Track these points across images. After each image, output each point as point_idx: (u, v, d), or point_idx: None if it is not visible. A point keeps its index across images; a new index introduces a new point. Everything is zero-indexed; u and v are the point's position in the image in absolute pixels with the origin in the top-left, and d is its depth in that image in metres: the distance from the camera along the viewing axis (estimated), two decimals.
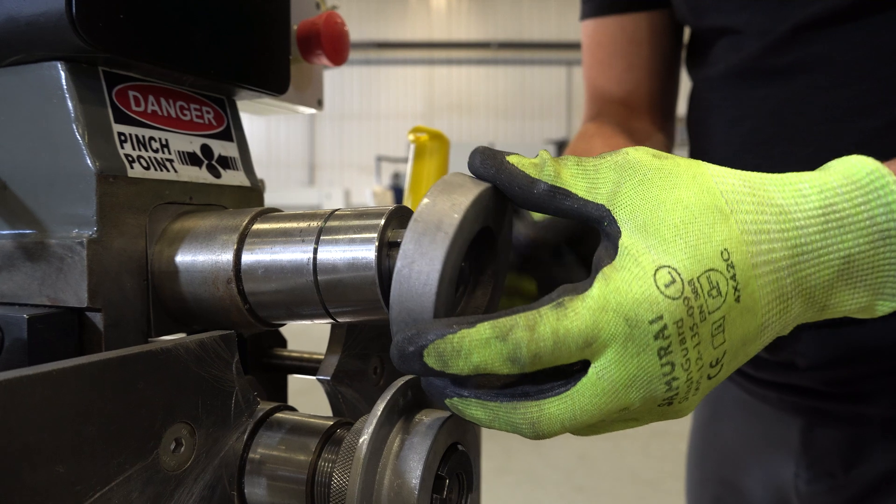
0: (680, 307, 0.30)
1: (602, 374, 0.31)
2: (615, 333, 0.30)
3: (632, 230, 0.32)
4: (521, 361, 0.30)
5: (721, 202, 0.33)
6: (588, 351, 0.31)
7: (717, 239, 0.31)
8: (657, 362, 0.31)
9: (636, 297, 0.30)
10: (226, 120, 0.46)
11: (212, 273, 0.37)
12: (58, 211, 0.37)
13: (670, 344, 0.30)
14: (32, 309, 0.36)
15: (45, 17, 0.34)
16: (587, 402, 0.31)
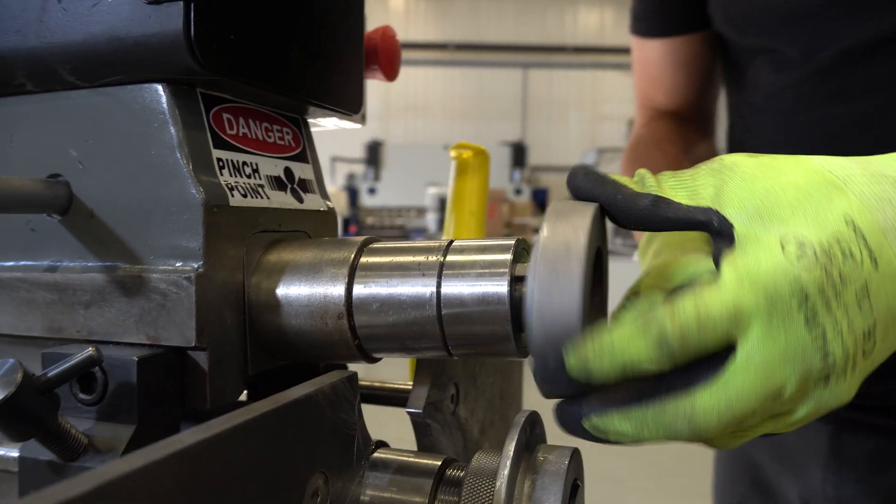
0: (816, 272, 0.30)
1: (752, 352, 0.30)
2: (757, 306, 0.29)
3: (745, 220, 0.32)
4: (669, 344, 0.30)
5: (833, 178, 0.32)
6: (733, 329, 0.30)
7: (838, 209, 0.31)
8: (806, 332, 0.30)
9: (768, 270, 0.30)
10: (302, 141, 0.44)
11: (320, 307, 0.35)
12: (156, 242, 0.34)
13: (816, 312, 0.30)
14: (133, 349, 0.34)
15: (157, 38, 0.32)
16: (741, 384, 0.30)
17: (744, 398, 0.30)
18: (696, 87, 0.82)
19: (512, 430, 0.34)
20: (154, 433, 0.32)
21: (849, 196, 0.31)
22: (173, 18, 0.31)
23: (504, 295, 0.33)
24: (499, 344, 0.34)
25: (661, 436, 0.31)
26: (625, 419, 0.31)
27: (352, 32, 0.45)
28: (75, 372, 0.30)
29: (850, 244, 0.30)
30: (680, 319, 0.29)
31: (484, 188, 0.67)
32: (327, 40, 0.42)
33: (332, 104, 0.43)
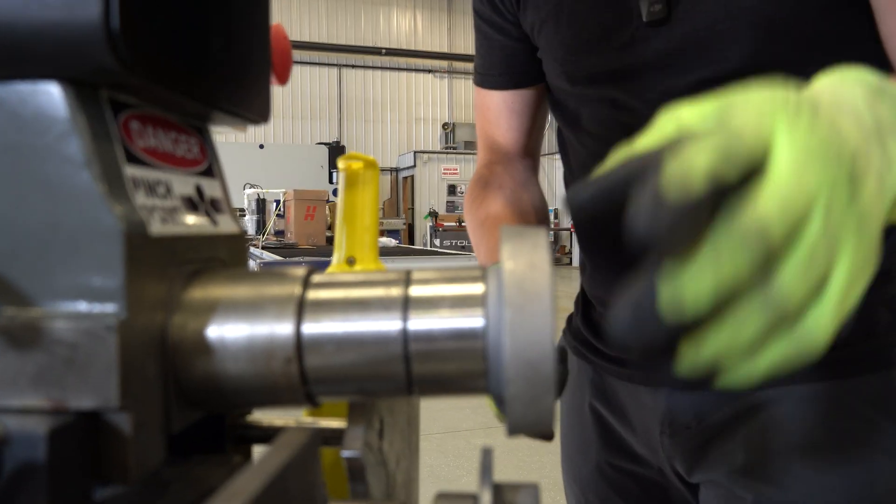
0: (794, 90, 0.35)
1: (784, 148, 0.32)
2: (773, 108, 0.33)
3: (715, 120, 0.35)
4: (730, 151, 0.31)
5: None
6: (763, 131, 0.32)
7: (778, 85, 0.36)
8: (818, 121, 0.33)
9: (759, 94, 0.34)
10: (208, 153, 0.38)
11: (264, 350, 0.31)
12: (56, 281, 0.28)
13: (817, 104, 0.34)
14: (30, 417, 0.27)
15: (63, 29, 0.26)
16: (788, 175, 0.31)
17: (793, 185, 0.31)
18: (525, 130, 1.00)
19: (484, 474, 0.31)
20: None
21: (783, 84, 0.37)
22: (88, 5, 0.25)
23: (480, 330, 0.30)
24: (470, 381, 0.31)
25: (738, 256, 0.30)
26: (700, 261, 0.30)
27: (260, 30, 0.40)
28: None
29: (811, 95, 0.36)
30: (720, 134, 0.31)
31: (375, 201, 0.63)
32: (241, 39, 0.37)
33: (243, 110, 0.38)
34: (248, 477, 0.23)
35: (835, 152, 0.32)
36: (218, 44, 0.34)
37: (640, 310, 0.31)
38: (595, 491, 0.98)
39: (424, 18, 14.09)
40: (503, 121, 1.01)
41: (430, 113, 14.34)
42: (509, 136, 1.01)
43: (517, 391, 0.29)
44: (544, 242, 0.31)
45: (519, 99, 0.99)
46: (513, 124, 1.00)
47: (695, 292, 0.30)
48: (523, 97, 0.99)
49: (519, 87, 0.98)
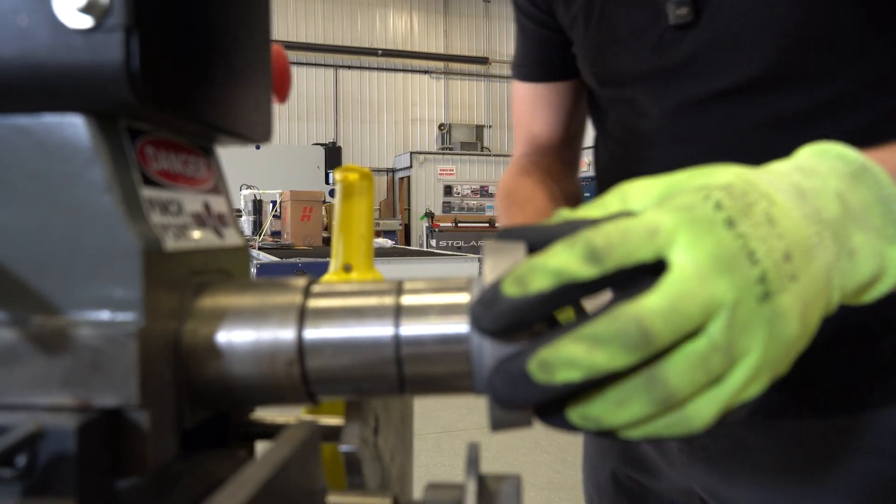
0: (725, 191, 0.34)
1: (683, 258, 0.32)
2: (678, 220, 0.32)
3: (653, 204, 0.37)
4: (597, 253, 0.31)
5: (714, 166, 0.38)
6: (658, 241, 0.32)
7: (725, 172, 0.36)
8: (729, 234, 0.32)
9: (683, 195, 0.34)
10: (214, 172, 0.42)
11: (269, 353, 0.34)
12: (80, 293, 0.31)
13: (733, 218, 0.33)
14: (58, 414, 0.30)
15: (88, 69, 0.29)
16: (680, 284, 0.31)
17: (684, 296, 0.31)
18: (561, 124, 0.99)
19: (470, 465, 0.35)
20: (94, 502, 0.29)
21: (731, 169, 0.37)
22: (111, 49, 0.28)
23: (465, 335, 0.34)
24: (456, 381, 0.35)
25: (615, 351, 0.30)
26: (574, 340, 0.31)
27: (262, 55, 0.43)
28: (19, 449, 0.26)
29: (745, 186, 0.35)
30: (604, 234, 0.32)
31: (370, 211, 0.67)
32: (245, 66, 0.40)
33: (247, 131, 0.41)
34: (256, 467, 0.26)
35: (743, 261, 0.32)
36: (224, 73, 0.37)
37: (509, 372, 0.31)
38: (610, 498, 0.97)
39: (420, 20, 14.12)
40: (538, 113, 1.00)
41: (427, 114, 14.36)
42: (545, 129, 1.00)
43: (492, 386, 0.33)
44: (522, 257, 0.34)
45: (555, 92, 0.97)
46: (548, 118, 0.99)
47: (565, 365, 0.31)
48: (559, 91, 0.97)
49: (555, 79, 0.97)
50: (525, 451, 3.65)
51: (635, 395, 0.32)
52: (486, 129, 14.68)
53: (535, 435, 3.86)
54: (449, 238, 12.36)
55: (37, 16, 0.28)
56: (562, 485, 3.26)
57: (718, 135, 0.75)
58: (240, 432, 0.46)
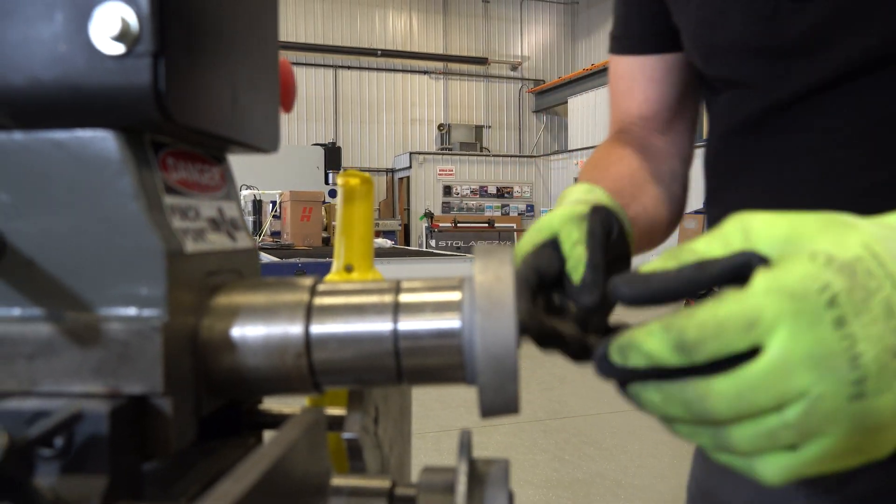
0: (845, 277, 0.32)
1: (773, 352, 0.32)
2: (781, 311, 0.32)
3: (778, 247, 0.36)
4: (687, 346, 0.34)
5: (843, 219, 0.36)
6: (755, 333, 0.32)
7: (856, 236, 0.34)
8: (834, 334, 0.31)
9: (799, 274, 0.32)
10: (227, 179, 0.45)
11: (279, 346, 0.37)
12: (110, 291, 0.34)
13: (845, 314, 0.31)
14: (91, 399, 0.33)
15: (120, 91, 0.32)
16: (756, 376, 0.32)
17: (757, 388, 0.32)
18: (664, 102, 0.86)
19: (462, 450, 0.38)
20: (122, 482, 0.32)
21: (861, 230, 0.35)
22: (140, 72, 0.32)
23: (457, 329, 0.37)
24: (450, 372, 0.38)
25: (682, 411, 0.35)
26: (656, 390, 0.36)
27: (271, 71, 0.46)
28: (59, 431, 0.29)
29: (871, 265, 0.33)
30: (697, 326, 0.33)
31: (370, 214, 0.70)
32: (256, 83, 0.43)
33: (257, 142, 0.45)
34: (268, 448, 0.30)
35: (842, 364, 0.31)
36: (238, 91, 0.40)
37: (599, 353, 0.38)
38: None
39: (420, 20, 14.14)
40: (638, 91, 0.87)
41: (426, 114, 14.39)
42: (645, 107, 0.87)
43: (487, 380, 0.36)
44: (509, 260, 0.37)
45: (658, 65, 0.85)
46: (651, 94, 0.86)
47: (630, 359, 0.36)
48: (664, 63, 0.85)
49: (659, 50, 0.84)
50: (524, 450, 3.68)
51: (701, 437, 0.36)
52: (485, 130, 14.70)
53: (533, 434, 3.90)
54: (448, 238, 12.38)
55: (75, 43, 0.31)
56: (559, 483, 3.30)
57: (844, 129, 0.65)
58: (250, 422, 0.50)
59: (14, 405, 0.32)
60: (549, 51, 15.53)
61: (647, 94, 0.87)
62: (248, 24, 0.42)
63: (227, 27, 0.39)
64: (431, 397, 4.23)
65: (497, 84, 15.00)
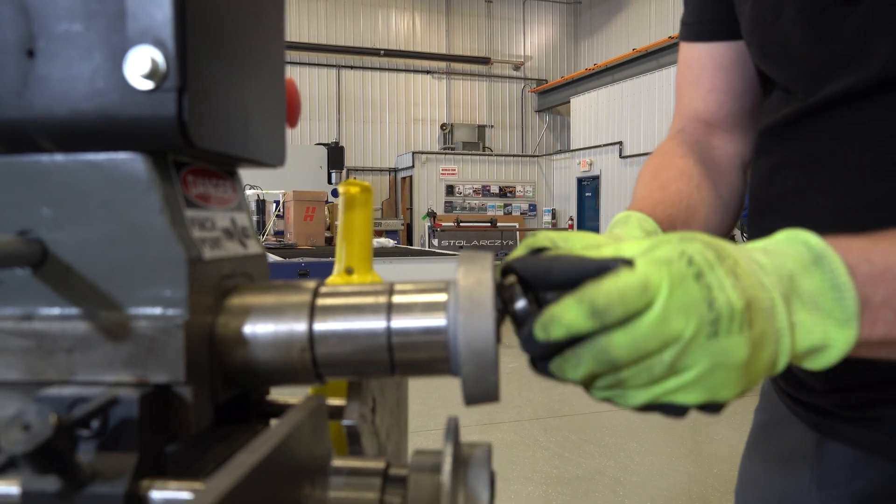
0: (698, 247, 0.43)
1: (657, 305, 0.41)
2: (661, 273, 0.41)
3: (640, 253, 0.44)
4: (599, 311, 0.41)
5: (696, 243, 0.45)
6: (648, 294, 0.41)
7: (700, 237, 0.44)
8: (696, 286, 0.41)
9: (665, 250, 0.43)
10: (238, 192, 0.50)
11: (285, 342, 0.42)
12: (139, 293, 0.39)
13: (702, 271, 0.42)
14: (122, 387, 0.38)
15: (149, 120, 0.37)
16: (646, 326, 0.41)
17: (648, 335, 0.41)
18: (731, 93, 0.86)
19: (448, 434, 0.43)
20: (149, 460, 0.37)
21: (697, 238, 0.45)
22: (167, 105, 0.37)
23: (443, 327, 0.42)
24: (437, 365, 0.43)
25: (594, 365, 0.42)
26: (573, 356, 0.43)
27: (278, 94, 0.51)
28: (98, 413, 0.34)
29: (718, 249, 0.44)
30: (606, 295, 0.41)
31: (370, 220, 0.75)
32: (266, 105, 0.48)
33: (265, 159, 0.49)
34: (274, 429, 0.35)
35: (702, 306, 0.41)
36: (250, 115, 0.45)
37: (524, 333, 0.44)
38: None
39: (423, 20, 14.18)
40: (706, 79, 0.86)
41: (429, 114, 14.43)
42: (711, 98, 0.87)
43: (469, 372, 0.41)
44: (489, 265, 0.42)
45: (728, 53, 0.84)
46: (719, 83, 0.86)
47: (554, 332, 0.42)
48: (733, 51, 0.84)
49: (730, 37, 0.84)
50: (524, 447, 3.73)
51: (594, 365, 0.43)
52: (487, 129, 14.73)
53: (534, 432, 3.95)
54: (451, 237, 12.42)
55: (111, 80, 0.36)
56: (559, 479, 3.34)
57: (881, 135, 0.66)
58: (258, 411, 0.55)
59: (56, 392, 0.37)
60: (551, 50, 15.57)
61: (715, 82, 0.86)
62: (260, 55, 0.47)
63: (243, 61, 0.44)
64: (434, 397, 4.28)
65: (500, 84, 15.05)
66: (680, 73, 0.91)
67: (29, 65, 0.37)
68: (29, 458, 0.32)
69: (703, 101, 0.87)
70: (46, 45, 0.37)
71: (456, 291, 0.42)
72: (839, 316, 0.44)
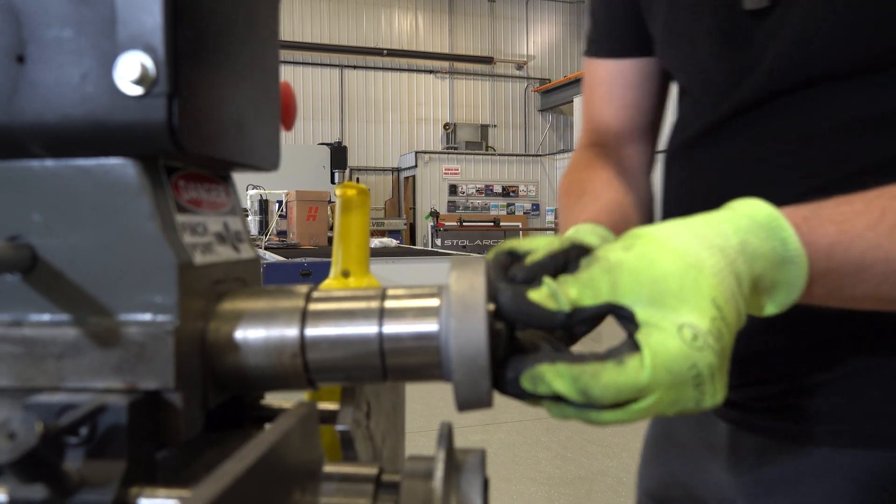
0: (709, 355, 0.42)
1: (649, 403, 0.43)
2: (662, 381, 0.42)
3: (642, 307, 0.44)
4: (590, 397, 0.43)
5: (691, 259, 0.45)
6: (644, 394, 0.43)
7: (706, 293, 0.43)
8: (693, 391, 0.43)
9: (674, 354, 0.42)
10: (231, 196, 0.50)
11: (277, 347, 0.42)
12: (129, 299, 0.39)
13: (703, 382, 0.43)
14: (111, 394, 0.38)
15: (140, 126, 0.37)
16: (634, 412, 0.43)
17: (634, 414, 0.44)
18: (641, 108, 0.89)
19: (441, 439, 0.43)
20: (139, 467, 0.37)
21: (707, 276, 0.44)
22: (157, 110, 0.37)
23: (435, 332, 0.42)
24: (429, 370, 0.43)
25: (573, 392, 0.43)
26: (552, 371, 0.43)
27: (273, 97, 0.51)
28: (86, 421, 0.34)
29: (720, 326, 0.43)
30: (601, 390, 0.42)
31: (366, 222, 0.75)
32: (259, 110, 0.48)
33: (259, 163, 0.49)
34: (264, 435, 0.35)
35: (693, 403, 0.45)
36: (242, 119, 0.45)
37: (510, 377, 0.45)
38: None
39: (426, 20, 14.18)
40: (615, 95, 0.90)
41: (432, 113, 14.43)
42: (622, 114, 0.90)
43: (461, 377, 0.41)
44: (482, 270, 0.42)
45: (637, 69, 0.88)
46: (629, 100, 0.89)
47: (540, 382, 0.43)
48: (643, 67, 0.88)
49: (639, 54, 0.87)
50: (526, 447, 3.73)
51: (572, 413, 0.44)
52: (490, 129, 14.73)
53: (536, 432, 3.95)
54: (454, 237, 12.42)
55: (101, 86, 0.36)
56: (562, 480, 3.34)
57: (791, 137, 0.69)
58: (252, 416, 0.55)
59: (45, 399, 0.37)
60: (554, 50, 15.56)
61: (625, 99, 0.89)
62: (253, 58, 0.47)
63: (235, 64, 0.44)
64: (436, 396, 4.28)
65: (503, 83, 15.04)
66: (589, 87, 0.94)
67: (19, 70, 0.37)
68: (14, 467, 0.32)
69: (614, 116, 0.91)
70: (36, 51, 0.37)
71: (448, 296, 0.42)
72: (780, 301, 0.49)
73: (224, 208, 0.48)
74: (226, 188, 0.49)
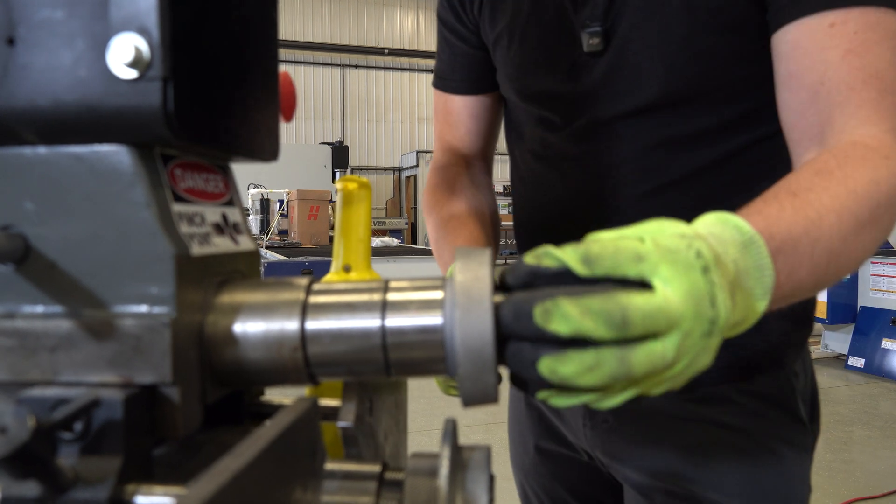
0: (703, 241, 0.43)
1: (665, 287, 0.40)
2: (662, 256, 0.41)
3: None
4: (590, 258, 0.40)
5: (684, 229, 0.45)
6: (642, 266, 0.41)
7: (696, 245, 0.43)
8: (702, 278, 0.41)
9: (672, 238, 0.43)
10: (230, 186, 0.48)
11: (276, 341, 0.41)
12: (124, 290, 0.38)
13: (708, 264, 0.42)
14: (106, 388, 0.37)
15: (134, 111, 0.36)
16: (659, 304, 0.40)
17: (662, 312, 0.40)
18: (483, 135, 1.09)
19: (445, 436, 0.41)
20: (135, 463, 0.36)
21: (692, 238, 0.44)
22: (152, 94, 0.35)
23: (439, 325, 0.40)
24: (433, 365, 0.41)
25: (599, 323, 0.38)
26: (572, 302, 0.38)
27: (272, 86, 0.50)
28: (80, 415, 0.33)
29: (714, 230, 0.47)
30: (601, 243, 0.41)
31: (368, 216, 0.73)
32: (258, 98, 0.47)
33: (258, 153, 0.48)
34: (265, 430, 0.33)
35: (706, 302, 0.41)
36: (241, 107, 0.44)
37: (517, 306, 0.40)
38: (535, 476, 1.07)
39: (427, 19, 14.16)
40: (463, 125, 1.08)
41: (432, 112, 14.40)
42: (468, 139, 1.09)
43: (466, 371, 0.39)
44: (487, 261, 0.41)
45: (480, 104, 1.07)
46: (472, 128, 1.08)
47: (560, 318, 0.38)
48: (483, 102, 1.07)
49: (480, 92, 1.06)
50: None
51: (607, 366, 0.39)
52: None
53: None
54: None
55: (94, 69, 0.35)
56: None
57: (624, 152, 0.86)
58: (251, 412, 0.54)
59: (38, 393, 0.36)
60: None
61: (469, 127, 1.08)
62: (251, 45, 0.46)
63: (232, 50, 0.42)
64: (438, 395, 4.27)
65: None
66: (439, 116, 1.12)
67: (9, 53, 0.36)
68: (6, 463, 0.31)
69: (461, 141, 1.10)
70: (27, 33, 0.35)
71: (452, 288, 0.41)
72: (759, 293, 0.49)
73: (222, 199, 0.47)
74: (224, 178, 0.48)
